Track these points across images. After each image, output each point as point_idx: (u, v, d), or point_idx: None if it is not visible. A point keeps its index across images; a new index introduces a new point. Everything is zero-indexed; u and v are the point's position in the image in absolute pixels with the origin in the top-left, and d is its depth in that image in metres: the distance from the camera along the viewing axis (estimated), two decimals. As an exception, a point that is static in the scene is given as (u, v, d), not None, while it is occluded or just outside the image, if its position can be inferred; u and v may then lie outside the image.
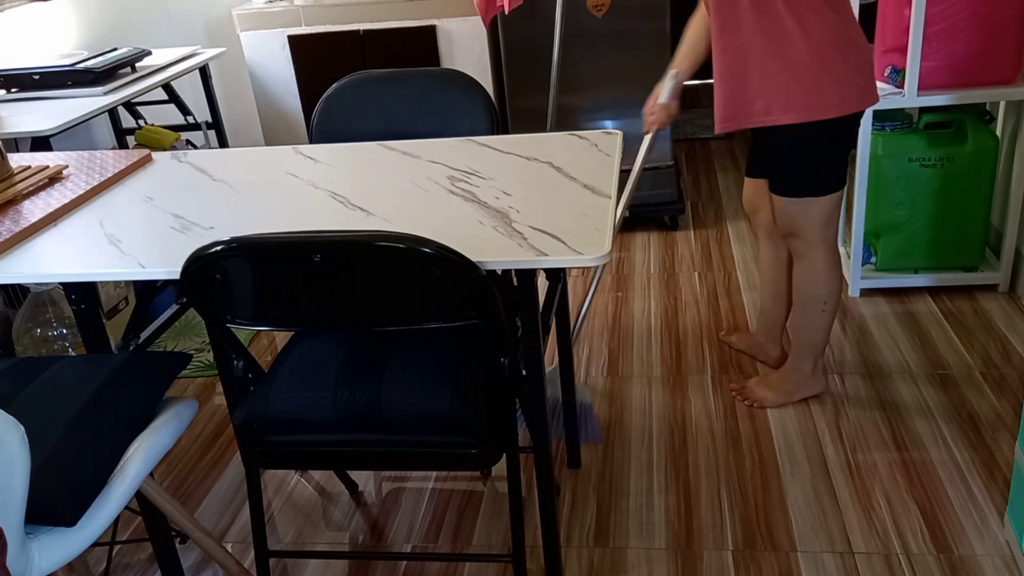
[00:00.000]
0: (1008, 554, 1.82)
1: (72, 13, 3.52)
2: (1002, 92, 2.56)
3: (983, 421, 2.22)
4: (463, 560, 1.95)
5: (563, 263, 1.37)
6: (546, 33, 3.23)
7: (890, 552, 1.86)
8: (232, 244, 1.33)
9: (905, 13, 2.51)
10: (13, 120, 2.62)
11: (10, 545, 1.16)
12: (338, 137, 2.09)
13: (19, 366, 1.54)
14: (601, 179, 1.65)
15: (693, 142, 4.57)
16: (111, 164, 1.95)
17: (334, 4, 3.76)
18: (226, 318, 1.49)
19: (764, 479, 2.10)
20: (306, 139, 3.82)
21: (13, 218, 1.67)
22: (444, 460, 1.60)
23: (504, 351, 1.55)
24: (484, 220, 1.50)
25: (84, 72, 2.86)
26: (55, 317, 2.58)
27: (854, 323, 2.72)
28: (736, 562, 1.87)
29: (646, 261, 3.28)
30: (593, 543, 1.96)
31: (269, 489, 2.24)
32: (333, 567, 1.96)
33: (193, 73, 3.32)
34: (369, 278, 1.40)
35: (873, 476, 2.08)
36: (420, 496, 2.16)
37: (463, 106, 2.07)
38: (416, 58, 3.77)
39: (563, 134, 1.93)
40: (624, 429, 2.33)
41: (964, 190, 2.68)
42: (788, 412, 2.33)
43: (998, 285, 2.81)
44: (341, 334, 1.69)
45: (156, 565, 2.00)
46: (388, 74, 2.14)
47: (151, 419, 1.49)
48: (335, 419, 1.54)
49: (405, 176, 1.76)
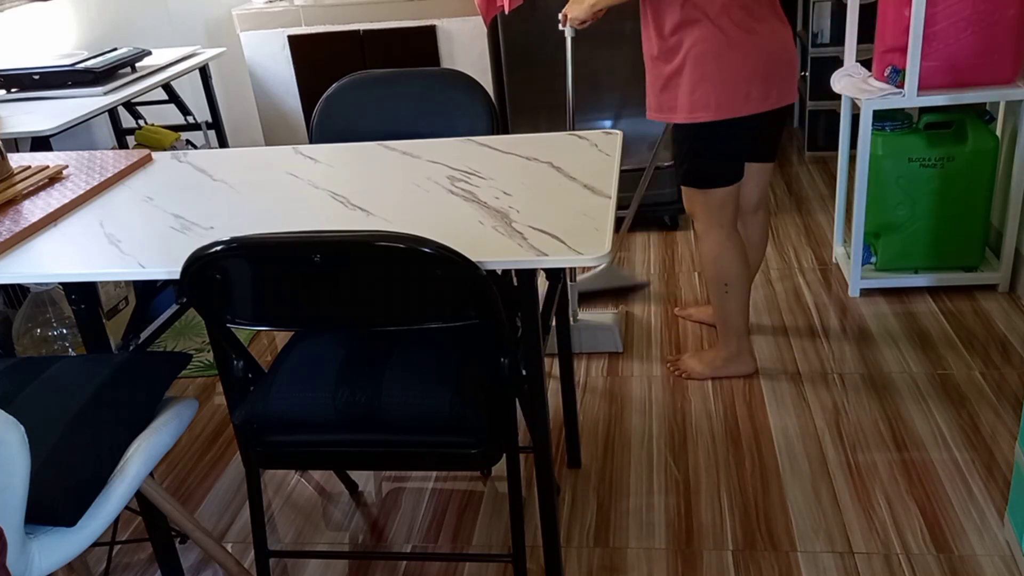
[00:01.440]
0: (1008, 554, 1.82)
1: (72, 13, 3.52)
2: (1002, 92, 2.56)
3: (983, 421, 2.22)
4: (463, 560, 1.95)
5: (563, 263, 1.37)
6: (546, 33, 3.23)
7: (890, 552, 1.86)
8: (232, 244, 1.33)
9: (905, 13, 2.51)
10: (13, 120, 2.62)
11: (10, 545, 1.16)
12: (338, 137, 2.10)
13: (19, 366, 1.54)
14: (601, 179, 1.65)
15: (693, 142, 4.57)
16: (111, 164, 1.95)
17: (334, 4, 3.76)
18: (226, 318, 1.49)
19: (764, 479, 2.10)
20: (306, 139, 3.82)
21: (13, 218, 1.67)
22: (444, 460, 1.60)
23: (504, 351, 1.55)
24: (484, 220, 1.50)
25: (84, 72, 2.86)
26: (55, 317, 2.58)
27: (854, 323, 2.72)
28: (736, 562, 1.87)
29: (646, 261, 3.28)
30: (593, 543, 1.96)
31: (269, 489, 2.24)
32: (333, 567, 1.96)
33: (193, 73, 3.32)
34: (369, 278, 1.40)
35: (873, 476, 2.08)
36: (420, 496, 2.16)
37: (463, 106, 2.07)
38: (416, 58, 3.77)
39: (563, 134, 1.93)
40: (624, 429, 2.33)
41: (964, 190, 2.68)
42: (788, 412, 2.33)
43: (998, 285, 2.81)
44: (341, 334, 1.69)
45: (156, 565, 2.00)
46: (388, 74, 2.14)
47: (151, 419, 1.49)
48: (335, 419, 1.54)
49: (405, 176, 1.76)
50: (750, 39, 2.08)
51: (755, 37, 2.09)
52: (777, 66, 2.13)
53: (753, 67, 2.10)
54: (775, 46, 2.12)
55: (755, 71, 2.10)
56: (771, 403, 2.37)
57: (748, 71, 2.10)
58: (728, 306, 2.39)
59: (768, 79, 2.12)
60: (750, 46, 2.08)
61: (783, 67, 2.14)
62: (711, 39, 2.08)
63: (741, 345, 2.45)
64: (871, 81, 2.70)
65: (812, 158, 4.21)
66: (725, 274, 2.34)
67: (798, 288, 2.97)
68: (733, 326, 2.42)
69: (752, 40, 2.08)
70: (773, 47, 2.11)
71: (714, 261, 2.34)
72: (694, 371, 2.51)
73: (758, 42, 2.09)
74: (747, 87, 2.11)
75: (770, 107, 2.15)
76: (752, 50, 2.09)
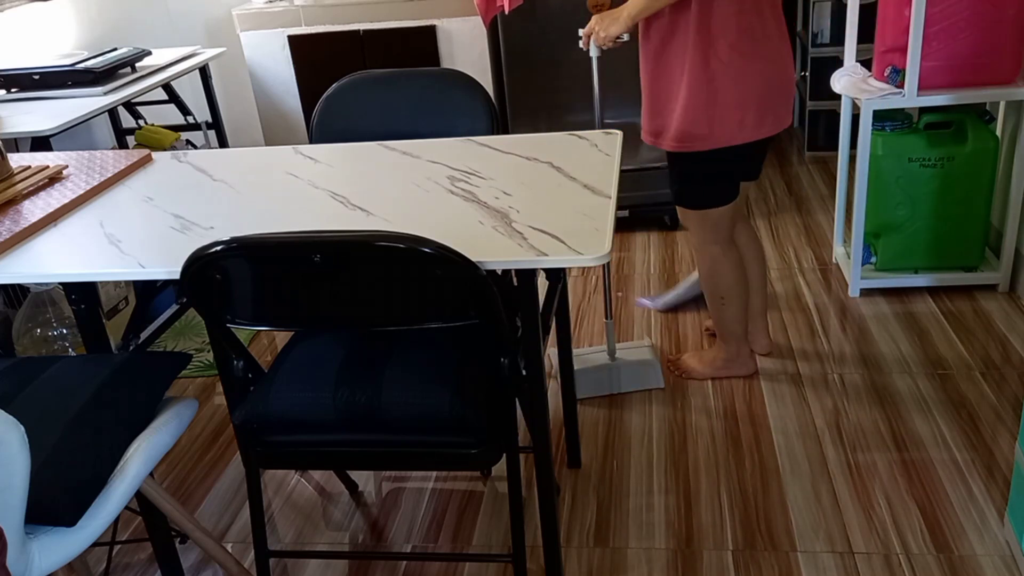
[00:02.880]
0: (1008, 554, 1.82)
1: (72, 13, 3.52)
2: (1002, 92, 2.56)
3: (983, 421, 2.22)
4: (463, 560, 1.95)
5: (563, 263, 1.37)
6: (546, 33, 3.23)
7: (890, 552, 1.86)
8: (232, 244, 1.33)
9: (905, 13, 2.51)
10: (13, 120, 2.62)
11: (10, 545, 1.16)
12: (338, 137, 2.09)
13: (19, 366, 1.54)
14: (601, 179, 1.65)
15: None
16: (111, 164, 1.95)
17: (334, 4, 3.76)
18: (226, 318, 1.49)
19: (764, 479, 2.10)
20: (306, 139, 3.82)
21: (13, 218, 1.67)
22: (444, 460, 1.60)
23: (504, 351, 1.55)
24: (484, 220, 1.50)
25: (84, 72, 2.86)
26: (55, 317, 2.58)
27: (854, 323, 2.72)
28: (736, 562, 1.87)
29: (646, 261, 3.28)
30: (593, 543, 1.96)
31: (269, 489, 2.24)
32: (333, 567, 1.96)
33: (193, 73, 3.32)
34: (369, 278, 1.40)
35: (873, 476, 2.08)
36: (420, 496, 2.16)
37: (463, 106, 2.07)
38: (416, 58, 3.77)
39: (563, 134, 1.93)
40: (624, 429, 2.33)
41: (964, 190, 2.68)
42: (788, 412, 2.33)
43: (998, 285, 2.81)
44: (341, 334, 1.69)
45: (156, 565, 2.00)
46: (388, 74, 2.14)
47: (151, 419, 1.49)
48: (335, 419, 1.54)
49: (405, 176, 1.76)
50: (746, 65, 2.02)
51: (752, 62, 2.02)
52: (773, 93, 2.07)
53: (747, 94, 2.04)
54: (772, 71, 2.06)
55: (748, 98, 2.04)
56: (771, 403, 2.37)
57: (741, 98, 2.04)
58: (726, 316, 2.39)
59: (763, 106, 2.07)
60: (746, 72, 2.02)
61: (779, 94, 2.09)
62: (704, 65, 2.02)
63: (742, 350, 2.46)
64: (871, 81, 2.70)
65: (812, 158, 4.21)
66: (722, 288, 2.34)
67: (798, 288, 2.97)
68: (733, 333, 2.43)
69: (749, 66, 2.02)
70: (770, 72, 2.05)
71: (709, 276, 2.34)
72: (694, 371, 2.51)
73: (754, 67, 2.03)
74: (740, 115, 2.05)
75: (764, 135, 2.11)
76: (747, 77, 2.03)
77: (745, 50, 2.01)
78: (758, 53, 2.03)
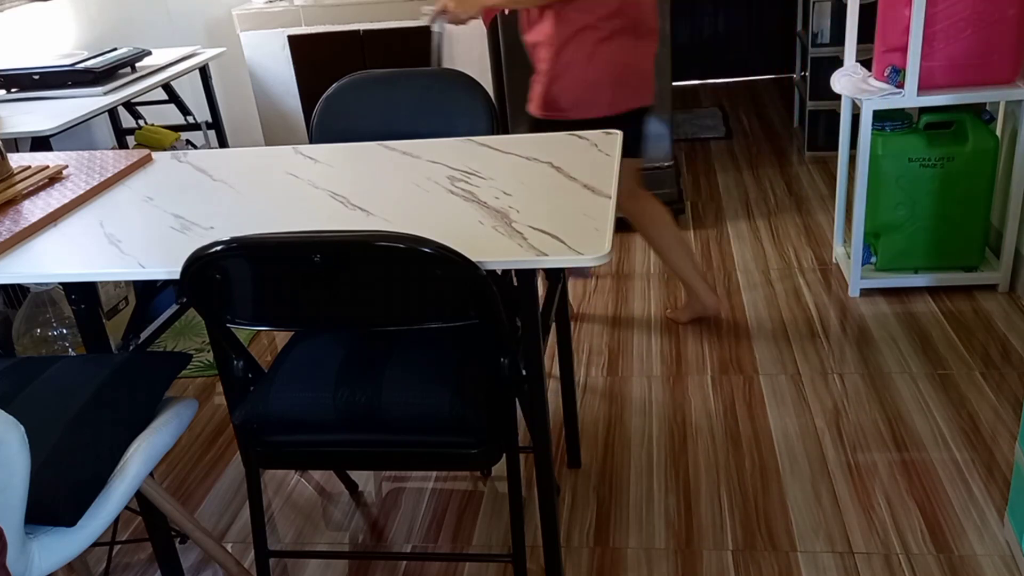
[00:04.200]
0: (1008, 554, 1.82)
1: (72, 13, 3.52)
2: (1002, 92, 2.56)
3: (983, 421, 2.22)
4: (463, 560, 1.95)
5: (563, 263, 1.37)
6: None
7: (890, 552, 1.86)
8: (232, 244, 1.33)
9: (905, 13, 2.51)
10: (13, 120, 2.62)
11: (10, 545, 1.16)
12: (338, 137, 2.09)
13: (19, 366, 1.54)
14: (601, 179, 1.65)
15: (693, 142, 4.57)
16: (111, 164, 1.95)
17: (334, 4, 3.76)
18: (226, 318, 1.49)
19: (764, 479, 2.10)
20: (306, 139, 3.82)
21: (13, 218, 1.67)
22: (444, 460, 1.60)
23: (504, 351, 1.55)
24: (484, 220, 1.50)
25: (84, 72, 2.86)
26: (55, 317, 2.58)
27: (854, 323, 2.72)
28: (736, 562, 1.87)
29: (646, 261, 3.28)
30: (593, 543, 1.96)
31: (269, 489, 2.24)
32: (333, 567, 1.96)
33: (193, 73, 3.32)
34: (369, 278, 1.40)
35: (873, 476, 2.08)
36: (420, 496, 2.16)
37: (463, 106, 2.07)
38: (416, 58, 3.76)
39: (563, 134, 1.93)
40: (624, 429, 2.33)
41: (964, 190, 2.68)
42: (788, 412, 2.33)
43: (998, 285, 2.81)
44: (341, 334, 1.69)
45: (156, 565, 2.00)
46: (388, 74, 2.14)
47: (151, 419, 1.49)
48: (335, 419, 1.54)
49: (405, 176, 1.76)
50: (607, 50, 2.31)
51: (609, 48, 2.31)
52: (628, 74, 2.36)
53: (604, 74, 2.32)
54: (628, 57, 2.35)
55: (605, 77, 2.33)
56: (771, 403, 2.37)
57: (599, 77, 2.32)
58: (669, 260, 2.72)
59: (619, 85, 2.35)
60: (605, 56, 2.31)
61: (636, 75, 2.38)
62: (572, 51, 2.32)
63: (702, 285, 2.74)
64: (871, 81, 2.69)
65: (812, 158, 4.21)
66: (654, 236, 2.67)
67: (798, 288, 2.97)
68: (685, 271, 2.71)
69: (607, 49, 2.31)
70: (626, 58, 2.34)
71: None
72: (679, 318, 2.81)
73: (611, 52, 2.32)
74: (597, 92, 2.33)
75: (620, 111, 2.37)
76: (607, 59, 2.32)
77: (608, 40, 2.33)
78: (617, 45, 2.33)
